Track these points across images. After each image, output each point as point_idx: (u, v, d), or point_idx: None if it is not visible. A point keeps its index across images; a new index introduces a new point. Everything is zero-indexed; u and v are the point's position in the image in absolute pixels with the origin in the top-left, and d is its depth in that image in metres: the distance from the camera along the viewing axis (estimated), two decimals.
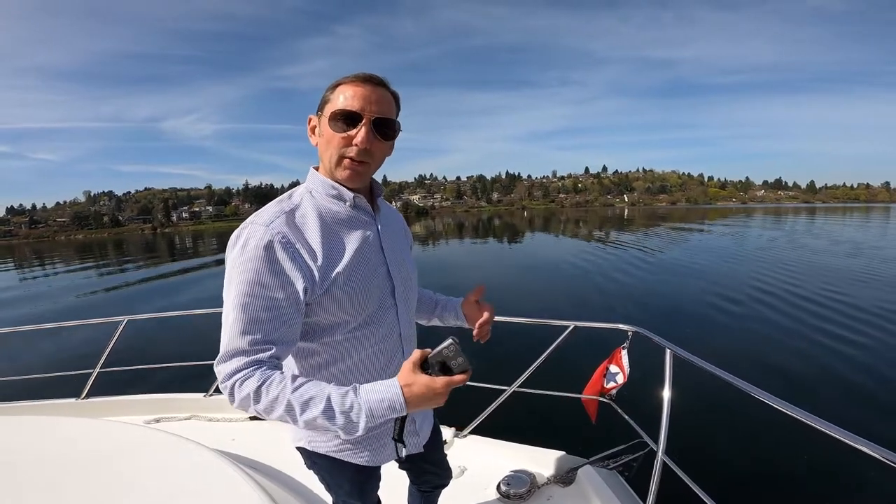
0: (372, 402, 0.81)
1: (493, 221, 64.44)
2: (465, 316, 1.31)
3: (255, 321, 0.87)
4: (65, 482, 1.61)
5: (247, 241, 0.90)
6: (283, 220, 0.93)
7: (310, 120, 1.02)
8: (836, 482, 3.26)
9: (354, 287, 0.98)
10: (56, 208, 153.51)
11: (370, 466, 1.16)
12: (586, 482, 1.87)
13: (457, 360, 0.86)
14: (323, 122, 0.97)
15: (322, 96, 0.99)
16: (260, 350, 0.87)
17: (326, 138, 0.97)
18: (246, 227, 0.92)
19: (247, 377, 0.84)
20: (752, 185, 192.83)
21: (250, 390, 0.83)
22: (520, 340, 3.20)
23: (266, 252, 0.88)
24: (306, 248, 0.93)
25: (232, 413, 2.69)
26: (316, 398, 0.82)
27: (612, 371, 1.99)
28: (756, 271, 12.41)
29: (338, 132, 0.94)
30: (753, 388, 1.33)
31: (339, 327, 1.00)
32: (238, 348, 0.86)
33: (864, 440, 1.03)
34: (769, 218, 49.86)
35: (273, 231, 0.90)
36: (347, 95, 0.93)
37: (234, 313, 0.87)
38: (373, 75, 0.96)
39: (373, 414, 0.81)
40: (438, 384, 0.82)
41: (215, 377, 0.88)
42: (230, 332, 0.88)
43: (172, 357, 5.37)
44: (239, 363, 0.85)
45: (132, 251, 41.12)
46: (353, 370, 1.04)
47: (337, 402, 0.82)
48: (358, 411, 0.81)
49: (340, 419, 0.81)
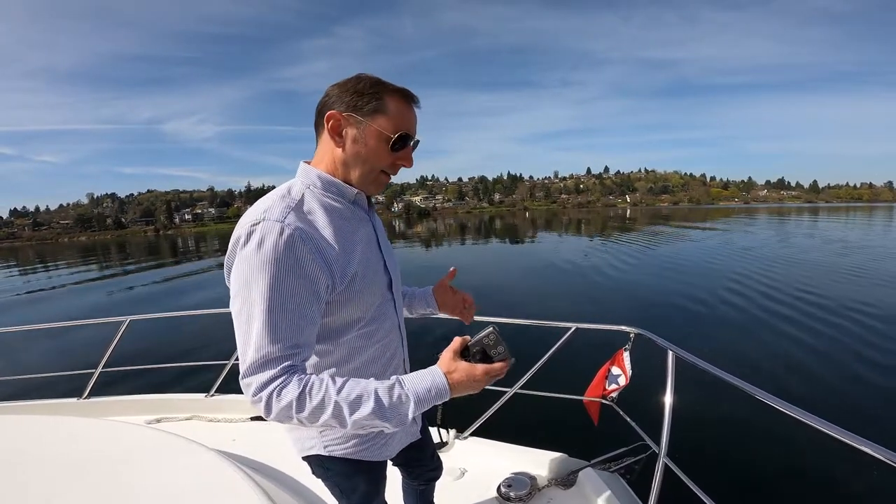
0: (419, 392, 0.83)
1: (495, 222, 64.41)
2: (438, 302, 1.32)
3: (284, 324, 0.82)
4: (66, 482, 1.61)
5: (262, 239, 0.83)
6: (294, 215, 0.88)
7: (335, 118, 0.93)
8: (840, 484, 3.23)
9: (368, 282, 0.98)
10: (59, 210, 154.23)
11: (381, 462, 1.17)
12: (587, 484, 1.86)
13: (497, 348, 0.87)
14: (369, 133, 0.92)
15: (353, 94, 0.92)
16: (292, 355, 0.83)
17: (371, 151, 0.94)
18: (257, 224, 0.84)
19: (284, 385, 0.79)
20: (755, 185, 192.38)
21: (292, 398, 0.79)
22: (521, 342, 3.18)
23: (287, 249, 0.83)
24: (323, 244, 0.89)
25: (233, 413, 2.69)
26: (364, 396, 0.80)
27: (614, 373, 1.99)
28: (760, 272, 12.35)
29: (394, 151, 0.95)
30: (757, 390, 1.32)
31: (353, 325, 0.99)
32: (269, 356, 0.80)
33: (869, 441, 1.02)
34: (772, 218, 49.69)
35: (291, 227, 0.84)
36: (404, 115, 0.94)
37: (261, 317, 0.81)
38: (414, 94, 0.97)
39: (420, 402, 0.82)
40: (478, 371, 0.85)
41: (216, 377, 0.87)
42: (258, 338, 0.81)
43: (174, 357, 5.38)
44: (273, 371, 0.80)
45: (135, 253, 41.24)
46: (363, 367, 1.03)
47: (385, 396, 0.81)
48: (407, 402, 0.82)
49: (390, 413, 0.81)
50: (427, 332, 5.92)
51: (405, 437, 1.22)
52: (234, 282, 0.85)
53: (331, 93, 0.95)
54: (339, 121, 0.93)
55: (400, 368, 1.14)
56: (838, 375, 5.22)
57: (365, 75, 0.95)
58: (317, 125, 0.98)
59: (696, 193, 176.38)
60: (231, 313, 0.87)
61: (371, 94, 0.92)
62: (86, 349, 7.10)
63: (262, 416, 0.83)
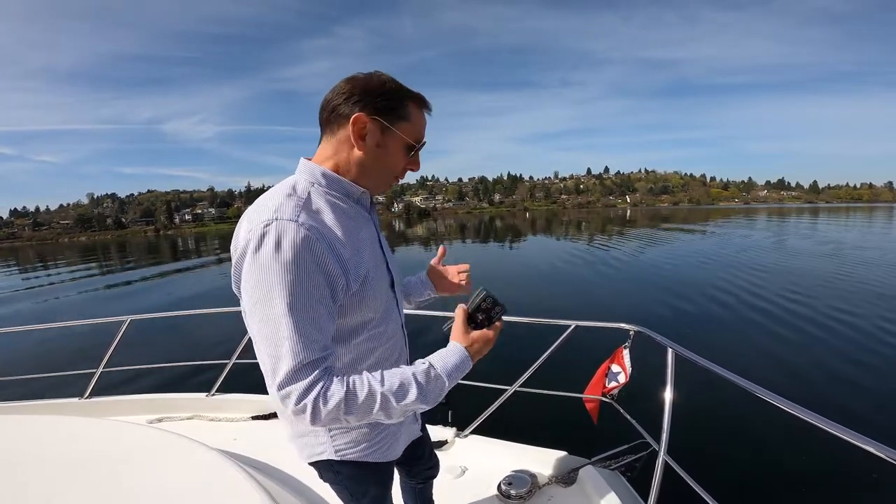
0: (449, 369, 0.88)
1: (495, 223, 64.38)
2: (436, 285, 1.34)
3: (314, 326, 0.80)
4: (67, 482, 1.61)
5: (279, 240, 0.79)
6: (306, 214, 0.84)
7: (362, 121, 0.90)
8: (840, 481, 3.24)
9: (377, 283, 0.97)
10: (59, 210, 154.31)
11: (389, 463, 1.17)
12: (588, 482, 1.86)
13: (496, 309, 0.97)
14: (395, 141, 0.94)
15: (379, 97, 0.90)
16: (327, 356, 0.82)
17: (393, 158, 0.96)
18: (270, 224, 0.80)
19: (326, 387, 0.79)
20: (755, 185, 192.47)
21: (339, 398, 0.78)
22: (521, 340, 3.20)
23: (305, 249, 0.80)
24: (338, 244, 0.87)
25: (234, 413, 2.69)
26: (405, 383, 0.84)
27: (614, 370, 1.99)
28: (759, 270, 12.36)
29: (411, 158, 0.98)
30: (756, 388, 1.32)
31: (364, 327, 0.97)
32: (305, 360, 0.78)
33: (869, 439, 1.02)
34: (772, 218, 49.68)
35: (304, 225, 0.81)
36: (421, 124, 0.97)
37: (291, 321, 0.78)
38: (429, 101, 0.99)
39: (451, 378, 0.88)
40: (491, 336, 0.96)
41: (217, 377, 0.88)
42: (291, 344, 0.77)
43: (175, 357, 5.38)
44: (313, 376, 0.78)
45: (135, 253, 41.24)
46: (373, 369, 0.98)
47: (423, 380, 0.86)
48: (441, 381, 0.87)
49: (430, 394, 0.86)
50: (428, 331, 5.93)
51: (409, 436, 1.22)
52: (253, 288, 0.80)
53: (348, 90, 0.90)
54: (365, 124, 0.90)
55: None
56: (838, 375, 5.22)
57: (385, 76, 0.93)
58: (328, 122, 0.93)
59: (696, 194, 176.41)
60: (245, 319, 0.84)
61: (397, 99, 0.92)
62: (87, 349, 7.10)
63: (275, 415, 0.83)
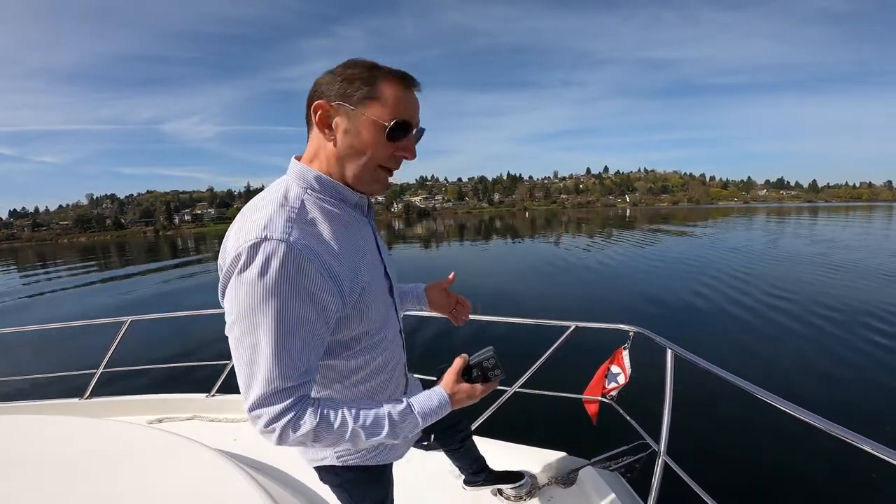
0: (426, 412, 0.90)
1: (495, 223, 64.40)
2: (430, 301, 1.31)
3: (294, 354, 0.78)
4: (68, 482, 1.62)
5: (267, 261, 0.75)
6: (299, 230, 0.79)
7: (323, 108, 0.83)
8: (839, 482, 3.24)
9: (375, 293, 0.93)
10: (59, 211, 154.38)
11: (389, 464, 1.18)
12: (588, 483, 1.86)
13: (495, 371, 0.98)
14: (362, 123, 0.83)
15: (344, 81, 0.83)
16: (302, 384, 0.80)
17: (365, 143, 0.84)
18: (259, 244, 0.75)
19: (298, 417, 0.78)
20: (755, 184, 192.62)
21: (309, 429, 0.79)
22: (521, 341, 3.20)
23: (295, 273, 0.76)
24: (331, 261, 0.82)
25: (234, 413, 2.70)
26: (378, 422, 0.85)
27: (614, 371, 1.99)
28: (759, 270, 12.36)
29: (392, 142, 0.84)
30: (756, 388, 1.33)
31: (362, 337, 0.94)
32: (280, 387, 0.77)
33: (868, 440, 1.02)
34: (771, 217, 49.70)
35: (295, 246, 0.76)
36: (400, 100, 0.83)
37: (269, 348, 0.76)
38: (414, 77, 0.86)
39: (427, 420, 0.91)
40: (477, 391, 0.97)
41: (217, 377, 0.88)
42: (267, 370, 0.76)
43: (175, 357, 5.37)
44: (286, 403, 0.78)
45: (135, 253, 41.23)
46: (370, 376, 1.01)
47: (398, 419, 0.87)
48: (415, 423, 0.89)
49: (401, 432, 0.88)
50: (421, 331, 5.93)
51: (411, 441, 1.23)
52: (235, 306, 0.77)
53: (320, 81, 0.86)
54: (327, 111, 0.83)
55: (401, 373, 1.13)
56: (838, 373, 5.23)
57: (357, 60, 0.85)
58: (307, 118, 0.88)
59: (696, 193, 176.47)
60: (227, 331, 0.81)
61: (363, 79, 0.82)
62: (87, 349, 7.10)
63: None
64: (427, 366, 1.53)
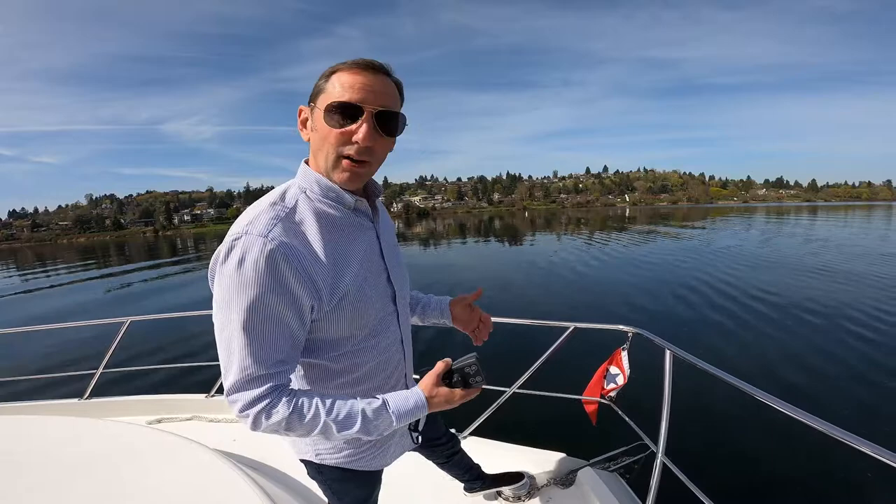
0: (401, 412, 0.90)
1: (495, 222, 64.41)
2: (454, 315, 1.27)
3: (265, 344, 0.81)
4: (67, 482, 1.62)
5: (243, 256, 0.79)
6: (280, 228, 0.82)
7: (300, 111, 0.91)
8: (836, 483, 3.25)
9: (363, 299, 0.93)
10: (58, 212, 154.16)
11: (375, 471, 1.18)
12: (586, 484, 1.87)
13: (476, 378, 0.96)
14: (316, 115, 0.86)
15: (315, 85, 0.88)
16: (277, 373, 0.83)
17: (321, 134, 0.85)
18: (239, 238, 0.80)
19: (272, 405, 0.82)
20: (754, 184, 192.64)
21: (282, 417, 0.82)
22: (519, 341, 3.20)
23: (268, 267, 0.79)
24: (311, 260, 0.84)
25: (233, 414, 2.70)
26: (351, 417, 0.86)
27: (613, 372, 2.00)
28: (757, 271, 12.37)
29: (335, 127, 0.83)
30: (754, 389, 1.33)
31: (346, 340, 0.95)
32: (253, 374, 0.81)
33: (865, 441, 1.02)
34: (770, 217, 49.72)
35: (273, 242, 0.80)
36: (345, 84, 0.82)
37: (241, 338, 0.80)
38: (373, 61, 0.85)
39: (401, 420, 0.90)
40: (456, 396, 0.94)
41: (217, 377, 0.89)
42: (240, 359, 0.81)
43: (175, 358, 5.37)
44: (259, 391, 0.81)
45: (134, 254, 41.22)
46: (360, 381, 1.01)
47: (372, 416, 0.87)
48: (389, 422, 0.89)
49: (374, 430, 0.88)
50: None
51: (400, 449, 1.21)
52: (216, 296, 0.83)
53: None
54: (303, 113, 0.91)
55: (401, 383, 1.11)
56: (835, 373, 5.24)
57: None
58: None
59: (695, 192, 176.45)
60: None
61: (325, 76, 0.86)
62: (86, 350, 7.11)
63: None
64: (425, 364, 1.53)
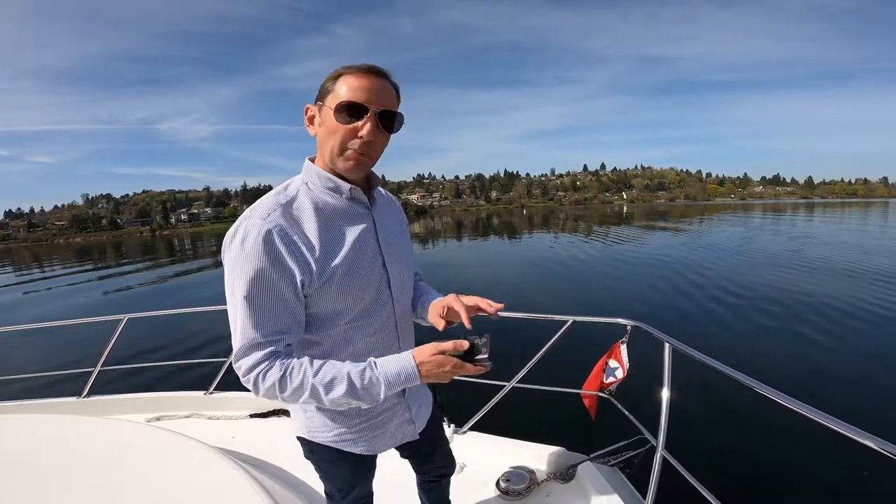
0: (389, 375, 0.91)
1: (493, 220, 64.44)
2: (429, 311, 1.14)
3: (264, 313, 0.91)
4: (67, 481, 1.61)
5: (245, 236, 0.91)
6: (279, 212, 0.94)
7: (307, 109, 1.02)
8: (837, 475, 3.27)
9: (351, 279, 1.00)
10: (54, 212, 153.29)
11: (368, 455, 1.18)
12: (586, 478, 1.86)
13: (481, 355, 0.91)
14: (325, 113, 0.97)
15: (322, 85, 0.99)
16: (274, 341, 0.92)
17: (329, 129, 0.96)
18: (243, 221, 0.93)
19: (268, 368, 0.90)
20: (751, 181, 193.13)
21: (274, 380, 0.90)
22: (518, 336, 3.19)
23: (265, 245, 0.90)
24: (304, 241, 0.95)
25: (232, 411, 2.70)
26: (337, 378, 0.90)
27: (612, 366, 1.99)
28: (755, 265, 12.43)
29: (343, 123, 0.94)
30: (754, 382, 1.33)
31: (338, 318, 1.01)
32: (253, 341, 0.91)
33: (866, 433, 1.02)
34: (767, 214, 49.90)
35: (271, 223, 0.91)
36: (353, 87, 0.93)
37: (244, 308, 0.91)
38: (376, 66, 0.97)
39: (391, 386, 0.91)
40: (448, 366, 0.90)
41: (215, 374, 0.90)
42: (242, 326, 0.91)
43: (173, 355, 5.37)
44: (258, 356, 0.91)
45: (131, 253, 41.11)
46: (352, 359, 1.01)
47: (357, 378, 0.91)
48: (378, 385, 0.91)
49: (363, 393, 0.91)
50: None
51: (397, 436, 1.20)
52: (225, 275, 0.94)
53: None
54: (309, 111, 1.01)
55: None
56: (834, 366, 5.26)
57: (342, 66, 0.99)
58: None
59: (693, 190, 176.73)
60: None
61: (332, 78, 0.97)
62: (84, 348, 7.09)
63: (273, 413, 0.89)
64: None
